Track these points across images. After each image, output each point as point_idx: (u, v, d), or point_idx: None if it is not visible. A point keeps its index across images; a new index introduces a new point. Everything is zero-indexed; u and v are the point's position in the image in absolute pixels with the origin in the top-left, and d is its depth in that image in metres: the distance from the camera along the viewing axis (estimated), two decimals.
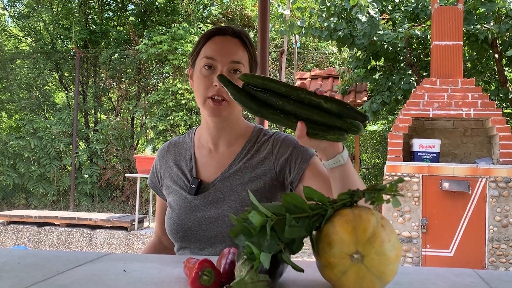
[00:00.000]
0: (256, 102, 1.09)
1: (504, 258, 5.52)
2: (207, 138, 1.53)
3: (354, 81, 8.53)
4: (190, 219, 1.45)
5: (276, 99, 1.07)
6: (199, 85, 1.43)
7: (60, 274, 0.98)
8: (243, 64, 1.43)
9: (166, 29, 12.01)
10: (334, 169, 1.18)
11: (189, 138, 1.61)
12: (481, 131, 6.15)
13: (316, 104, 1.06)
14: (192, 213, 1.46)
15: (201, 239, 1.44)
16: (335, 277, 0.81)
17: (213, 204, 1.44)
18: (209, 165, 1.52)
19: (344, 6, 7.45)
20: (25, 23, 13.92)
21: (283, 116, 1.08)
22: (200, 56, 1.45)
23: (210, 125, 1.50)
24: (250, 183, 1.44)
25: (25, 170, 11.25)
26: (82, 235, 7.56)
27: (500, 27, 6.97)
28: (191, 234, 1.45)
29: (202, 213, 1.45)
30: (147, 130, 12.29)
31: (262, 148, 1.49)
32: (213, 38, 1.45)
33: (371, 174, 12.50)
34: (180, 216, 1.47)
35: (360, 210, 0.84)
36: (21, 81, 13.23)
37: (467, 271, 1.06)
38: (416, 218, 5.69)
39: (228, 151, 1.51)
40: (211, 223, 1.43)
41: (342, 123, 1.05)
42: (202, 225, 1.44)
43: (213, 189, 1.46)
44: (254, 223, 0.82)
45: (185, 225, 1.45)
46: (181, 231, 1.46)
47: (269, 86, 1.08)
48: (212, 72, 1.40)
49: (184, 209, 1.47)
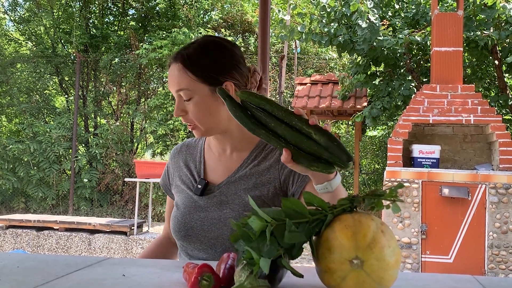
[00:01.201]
0: (251, 120, 1.09)
1: (504, 265, 5.51)
2: (215, 143, 1.57)
3: (354, 87, 8.54)
4: (194, 218, 1.48)
5: (270, 120, 1.07)
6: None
7: (59, 279, 0.98)
8: (187, 89, 1.39)
9: (166, 34, 12.03)
10: (323, 194, 1.18)
11: (201, 141, 1.64)
12: (481, 137, 6.15)
13: (306, 133, 1.05)
14: (196, 212, 1.48)
15: (202, 240, 1.46)
16: (334, 282, 0.81)
17: (217, 206, 1.47)
18: (217, 168, 1.55)
19: (345, 12, 7.46)
20: (25, 27, 13.94)
21: (274, 137, 1.07)
22: None
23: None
24: (254, 189, 1.46)
25: (25, 174, 11.24)
26: (81, 240, 7.55)
27: (500, 33, 6.98)
28: (193, 233, 1.47)
29: (206, 213, 1.47)
30: (146, 135, 12.29)
31: (269, 155, 1.50)
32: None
33: (371, 180, 12.50)
34: (184, 215, 1.50)
35: (360, 215, 0.84)
36: (21, 85, 13.24)
37: (467, 277, 1.06)
38: (415, 224, 5.69)
39: (236, 156, 1.53)
40: (213, 225, 1.45)
41: (329, 156, 1.02)
42: (204, 226, 1.46)
43: (218, 191, 1.49)
44: (254, 228, 0.82)
45: (188, 224, 1.48)
46: (184, 229, 1.48)
47: (264, 106, 1.08)
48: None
49: (189, 209, 1.50)
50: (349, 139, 13.07)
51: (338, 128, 13.64)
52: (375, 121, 7.96)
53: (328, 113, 9.35)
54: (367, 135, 12.65)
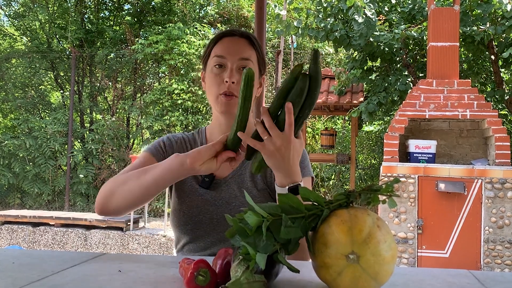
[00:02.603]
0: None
1: (500, 259, 5.54)
2: (219, 136, 1.54)
3: (351, 82, 8.54)
4: (202, 212, 1.46)
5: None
6: (211, 83, 1.46)
7: (54, 274, 0.98)
8: (251, 61, 1.46)
9: (162, 29, 11.99)
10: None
11: (198, 136, 1.61)
12: (477, 132, 6.17)
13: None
14: (204, 206, 1.47)
15: (210, 233, 1.45)
16: (330, 277, 0.81)
17: (225, 200, 1.46)
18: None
19: (341, 7, 7.45)
20: (20, 22, 13.88)
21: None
22: (211, 56, 1.49)
23: (222, 122, 1.51)
24: (260, 181, 1.48)
25: (20, 169, 11.22)
26: (77, 235, 7.54)
27: (496, 28, 6.99)
28: (201, 227, 1.46)
29: (214, 207, 1.46)
30: (142, 130, 12.27)
31: None
32: (222, 39, 1.49)
33: (367, 175, 12.52)
34: (191, 209, 1.47)
35: (356, 210, 0.83)
36: (16, 80, 13.19)
37: (463, 272, 1.06)
38: (412, 219, 5.70)
39: None
40: (223, 218, 1.44)
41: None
42: (214, 220, 1.45)
43: (225, 185, 1.48)
44: (250, 223, 0.82)
45: (196, 217, 1.46)
46: (191, 223, 1.46)
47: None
48: (222, 70, 1.44)
49: (196, 202, 1.48)
50: (345, 134, 13.08)
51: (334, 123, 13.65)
52: (372, 116, 7.96)
53: (324, 108, 9.34)
54: (363, 130, 12.66)
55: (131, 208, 1.36)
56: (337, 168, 12.60)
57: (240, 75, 1.41)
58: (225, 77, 1.41)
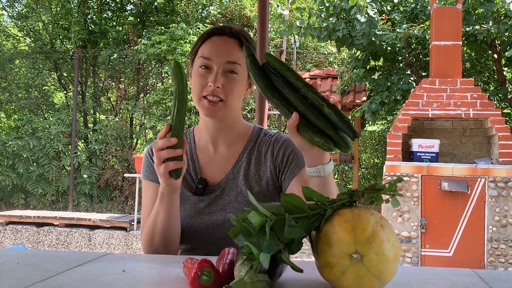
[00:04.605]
0: (265, 81, 1.12)
1: (503, 258, 5.53)
2: (207, 138, 1.53)
3: (353, 81, 8.53)
4: (197, 221, 1.45)
5: (285, 86, 1.10)
6: (195, 84, 1.43)
7: (59, 274, 0.98)
8: (239, 64, 1.42)
9: (165, 29, 12.00)
10: (313, 177, 1.18)
11: (187, 138, 1.59)
12: (480, 131, 6.15)
13: (318, 106, 1.08)
14: (198, 215, 1.45)
15: (207, 241, 1.44)
16: (334, 277, 0.81)
17: (220, 206, 1.45)
18: (212, 166, 1.52)
19: (343, 6, 7.45)
20: (24, 23, 13.91)
21: (284, 103, 1.11)
22: (197, 55, 1.45)
23: (208, 125, 1.50)
24: (254, 184, 1.46)
25: (24, 170, 11.23)
26: (81, 235, 7.56)
27: (499, 27, 6.97)
28: (197, 236, 1.45)
29: (209, 216, 1.45)
30: (146, 130, 12.28)
31: (263, 148, 1.50)
32: (211, 38, 1.45)
33: (371, 174, 12.51)
34: (185, 218, 1.46)
35: (359, 210, 0.84)
36: (20, 81, 13.21)
37: (466, 271, 1.06)
38: (415, 218, 5.69)
39: (229, 151, 1.52)
40: (218, 226, 1.43)
41: (333, 134, 1.07)
42: (209, 228, 1.44)
43: (219, 191, 1.47)
44: (254, 223, 0.82)
45: (191, 227, 1.45)
46: (187, 233, 1.45)
47: (283, 73, 1.11)
48: (208, 72, 1.41)
49: (189, 211, 1.46)
50: None
51: None
52: (375, 116, 7.96)
53: None
54: (366, 130, 12.65)
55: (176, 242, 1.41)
56: (340, 168, 12.59)
57: (226, 79, 1.40)
58: (210, 81, 1.38)
